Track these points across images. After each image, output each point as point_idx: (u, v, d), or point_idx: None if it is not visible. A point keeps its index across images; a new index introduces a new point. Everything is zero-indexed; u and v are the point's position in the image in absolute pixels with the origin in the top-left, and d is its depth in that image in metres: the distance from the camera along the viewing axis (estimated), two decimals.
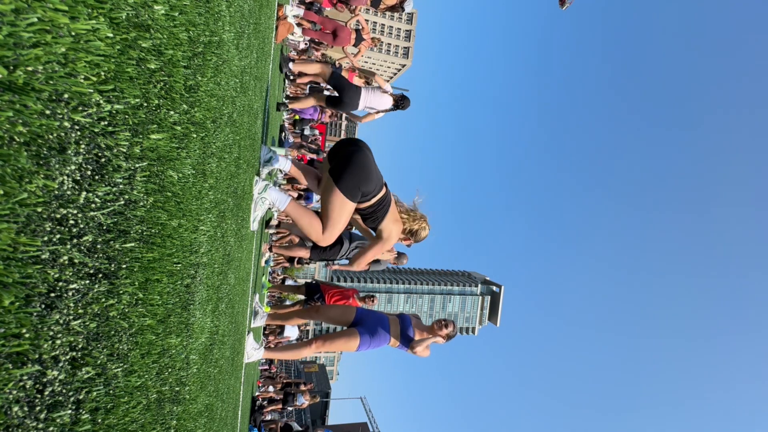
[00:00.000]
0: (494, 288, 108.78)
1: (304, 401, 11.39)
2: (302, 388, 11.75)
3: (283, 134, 8.52)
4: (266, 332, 11.22)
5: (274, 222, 6.90)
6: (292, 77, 6.89)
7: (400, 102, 5.61)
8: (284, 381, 12.92)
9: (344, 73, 7.53)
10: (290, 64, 6.34)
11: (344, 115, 5.91)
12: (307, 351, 3.89)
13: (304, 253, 5.81)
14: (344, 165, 2.74)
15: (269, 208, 3.28)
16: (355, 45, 6.81)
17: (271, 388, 11.55)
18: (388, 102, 5.46)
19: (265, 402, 10.93)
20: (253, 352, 3.99)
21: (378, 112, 5.47)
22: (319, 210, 2.99)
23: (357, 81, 7.26)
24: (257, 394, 10.36)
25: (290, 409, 11.45)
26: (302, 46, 9.02)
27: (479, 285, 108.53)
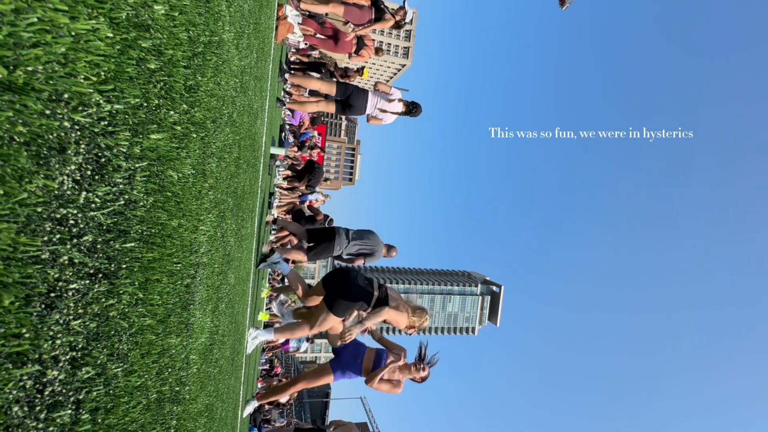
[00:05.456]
0: (494, 288, 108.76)
1: (285, 396, 11.48)
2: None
3: (283, 134, 8.51)
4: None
5: (269, 218, 6.89)
6: (288, 88, 6.86)
7: (412, 109, 5.56)
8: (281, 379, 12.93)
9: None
10: (286, 75, 6.31)
11: (344, 116, 5.90)
12: (287, 393, 4.57)
13: (302, 258, 5.82)
14: (338, 295, 3.75)
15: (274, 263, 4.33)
16: (356, 52, 6.78)
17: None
18: (396, 107, 5.43)
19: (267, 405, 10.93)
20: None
21: (384, 113, 5.43)
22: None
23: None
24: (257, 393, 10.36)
25: (284, 407, 11.50)
26: (302, 45, 9.01)
27: (479, 285, 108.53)
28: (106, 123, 0.91)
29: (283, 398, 11.36)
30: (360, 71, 8.09)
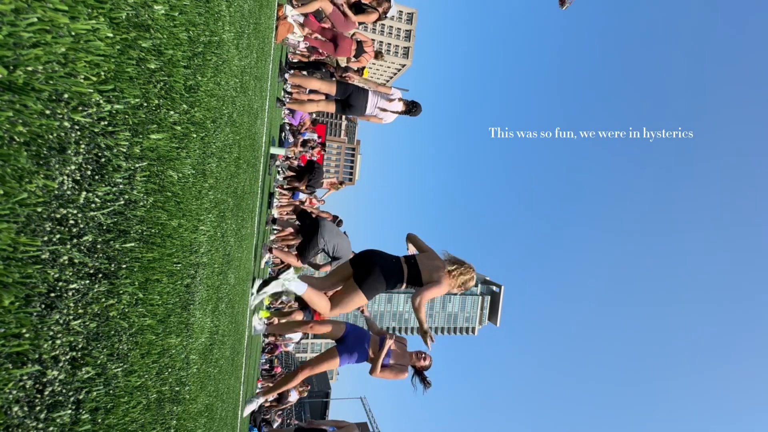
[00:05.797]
0: (494, 288, 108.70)
1: (296, 395, 11.54)
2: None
3: (283, 134, 8.51)
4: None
5: (268, 218, 6.91)
6: (289, 88, 6.86)
7: (412, 108, 5.56)
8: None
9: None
10: (286, 75, 6.31)
11: (344, 116, 5.90)
12: (294, 383, 4.42)
13: (297, 263, 5.85)
14: (366, 275, 3.58)
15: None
16: (356, 57, 6.78)
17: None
18: (396, 107, 5.44)
19: (267, 403, 10.95)
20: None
21: (384, 113, 5.45)
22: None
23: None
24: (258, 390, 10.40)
25: (287, 406, 11.53)
26: (302, 46, 9.01)
27: (479, 285, 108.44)
28: (106, 123, 0.91)
29: (292, 390, 11.39)
30: (360, 71, 8.11)
